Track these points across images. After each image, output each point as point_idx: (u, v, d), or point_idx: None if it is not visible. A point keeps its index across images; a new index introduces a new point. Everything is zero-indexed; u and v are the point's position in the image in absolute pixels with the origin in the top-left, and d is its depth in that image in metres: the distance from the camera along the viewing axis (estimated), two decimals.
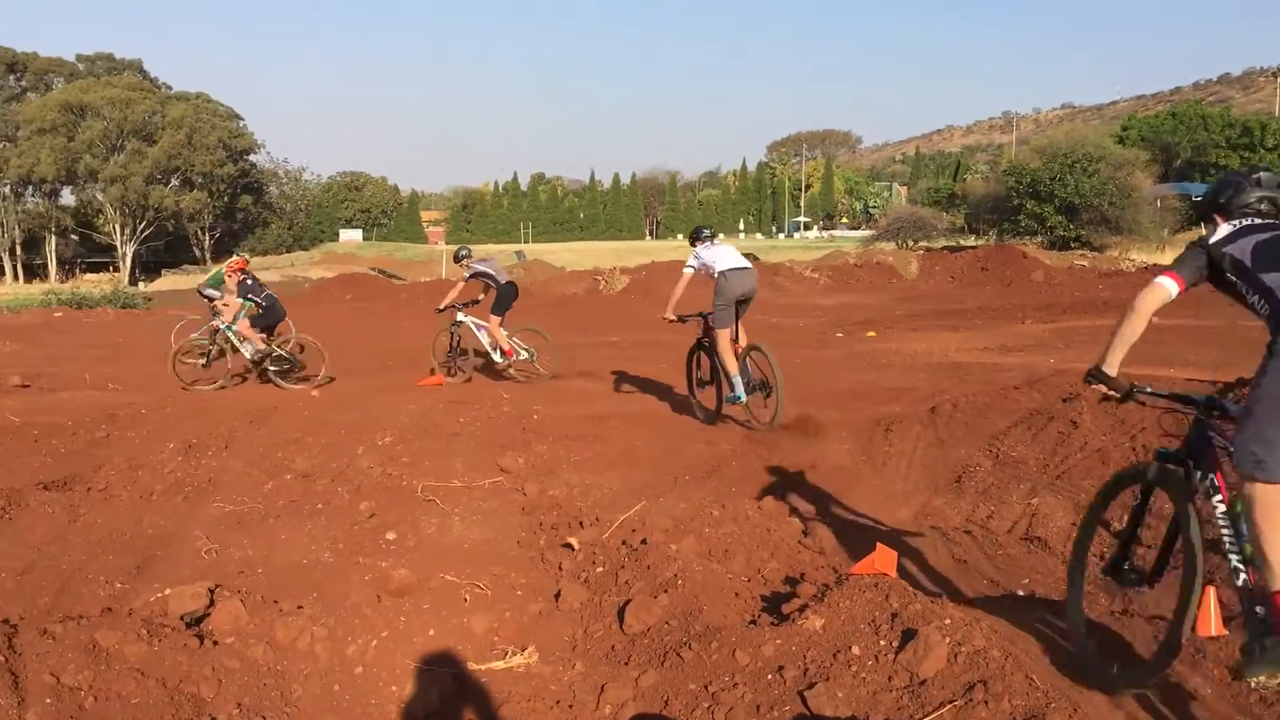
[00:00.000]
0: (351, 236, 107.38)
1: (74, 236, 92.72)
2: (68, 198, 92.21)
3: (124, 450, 8.88)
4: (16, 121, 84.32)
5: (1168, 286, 3.81)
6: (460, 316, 13.76)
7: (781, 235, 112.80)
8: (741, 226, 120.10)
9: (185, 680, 4.06)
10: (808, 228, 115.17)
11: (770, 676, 3.84)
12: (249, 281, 13.49)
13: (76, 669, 3.97)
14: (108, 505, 7.12)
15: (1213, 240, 3.78)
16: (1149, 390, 3.93)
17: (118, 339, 21.51)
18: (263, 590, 5.18)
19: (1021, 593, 5.13)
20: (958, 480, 7.22)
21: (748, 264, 9.69)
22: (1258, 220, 3.74)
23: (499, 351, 13.30)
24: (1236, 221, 3.79)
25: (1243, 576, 3.42)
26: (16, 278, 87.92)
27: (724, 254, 9.71)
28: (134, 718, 3.76)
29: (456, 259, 14.34)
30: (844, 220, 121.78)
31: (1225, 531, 3.52)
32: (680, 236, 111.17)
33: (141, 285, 70.34)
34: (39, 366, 15.64)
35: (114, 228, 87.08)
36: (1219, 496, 3.58)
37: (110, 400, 12.01)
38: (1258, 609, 3.32)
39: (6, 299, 55.71)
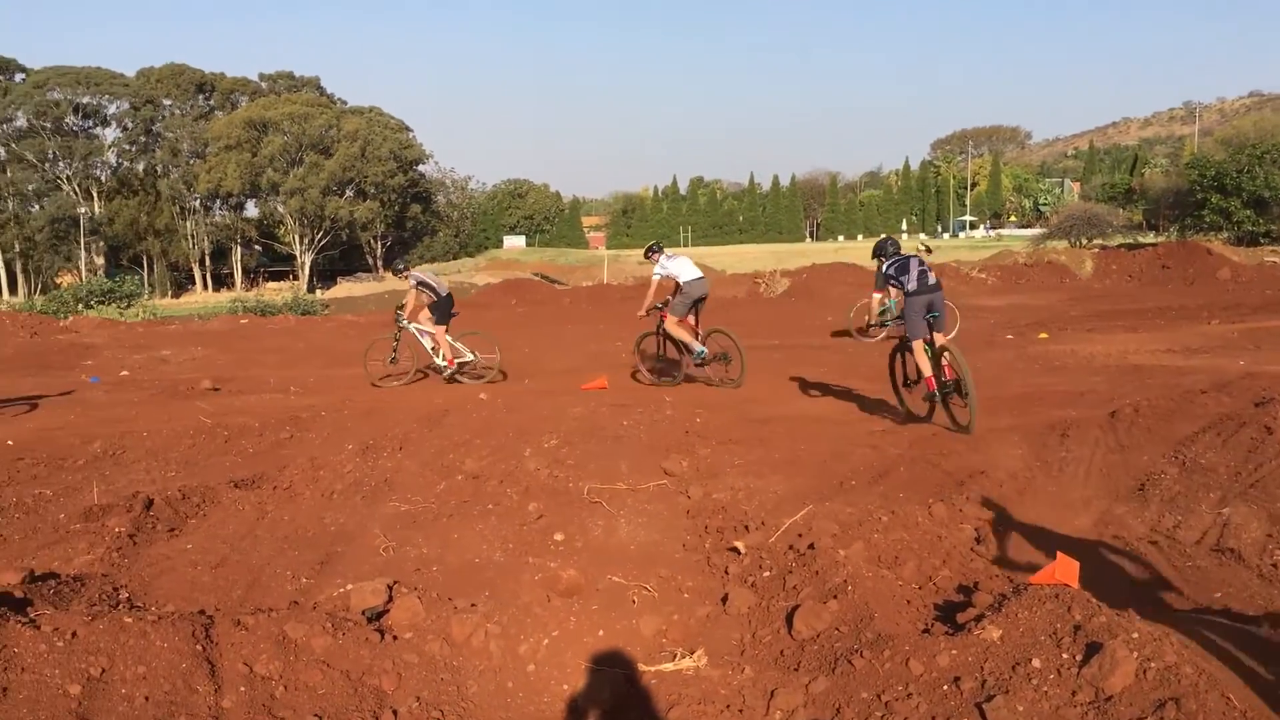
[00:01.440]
0: (515, 242, 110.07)
1: (257, 247, 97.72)
2: (251, 210, 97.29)
3: (306, 451, 9.30)
4: (205, 138, 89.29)
5: (877, 297, 10.73)
6: (403, 323, 14.35)
7: (946, 235, 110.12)
8: (904, 227, 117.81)
9: (367, 673, 4.20)
10: (974, 227, 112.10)
11: (946, 687, 3.73)
12: None
13: (268, 659, 4.16)
14: (293, 503, 7.44)
15: (883, 269, 9.90)
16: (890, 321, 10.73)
17: (298, 344, 22.51)
18: (438, 588, 5.33)
19: (1214, 607, 4.85)
20: (1140, 488, 6.89)
21: (702, 274, 12.76)
22: (895, 257, 9.85)
23: (440, 356, 14.23)
24: (884, 260, 9.99)
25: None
26: (206, 286, 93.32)
27: (684, 266, 12.72)
28: (321, 708, 3.92)
29: (395, 273, 15.03)
30: (1012, 218, 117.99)
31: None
32: (841, 238, 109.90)
33: (319, 293, 73.70)
34: (228, 371, 16.51)
35: (293, 238, 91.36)
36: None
37: (293, 403, 12.59)
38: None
39: (197, 306, 59.24)
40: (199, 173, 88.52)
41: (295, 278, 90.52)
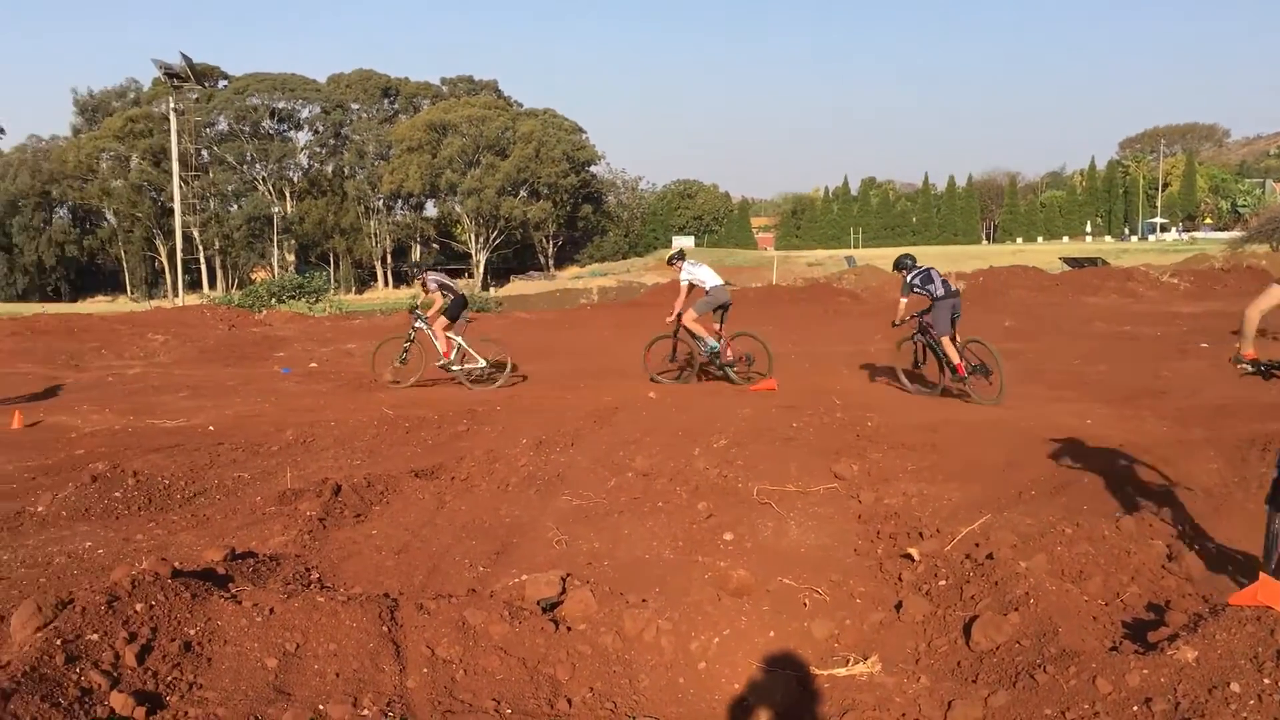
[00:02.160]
0: (684, 243, 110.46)
1: (435, 245, 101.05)
2: (430, 209, 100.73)
3: (482, 444, 9.56)
4: (389, 141, 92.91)
5: (904, 302, 12.23)
6: (418, 324, 14.45)
7: (1134, 238, 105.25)
8: (1088, 229, 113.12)
9: (542, 662, 4.30)
10: (1164, 229, 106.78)
11: (1136, 708, 3.57)
12: None
13: (449, 643, 4.31)
14: (469, 494, 7.67)
15: (908, 280, 12.19)
16: (906, 320, 12.51)
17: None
18: (609, 582, 5.40)
19: None
20: None
21: (724, 281, 14.00)
22: (916, 269, 12.28)
23: (454, 355, 14.39)
24: (908, 273, 12.27)
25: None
26: (387, 283, 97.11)
27: (709, 273, 13.79)
28: (499, 693, 4.03)
29: (414, 276, 15.49)
30: (1207, 221, 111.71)
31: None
32: (1020, 240, 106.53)
33: (492, 290, 75.68)
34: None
35: (469, 237, 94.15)
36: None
37: (468, 397, 12.96)
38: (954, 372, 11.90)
39: (379, 302, 61.62)
40: (383, 174, 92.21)
41: (470, 275, 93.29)
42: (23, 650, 3.75)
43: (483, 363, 14.34)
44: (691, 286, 13.54)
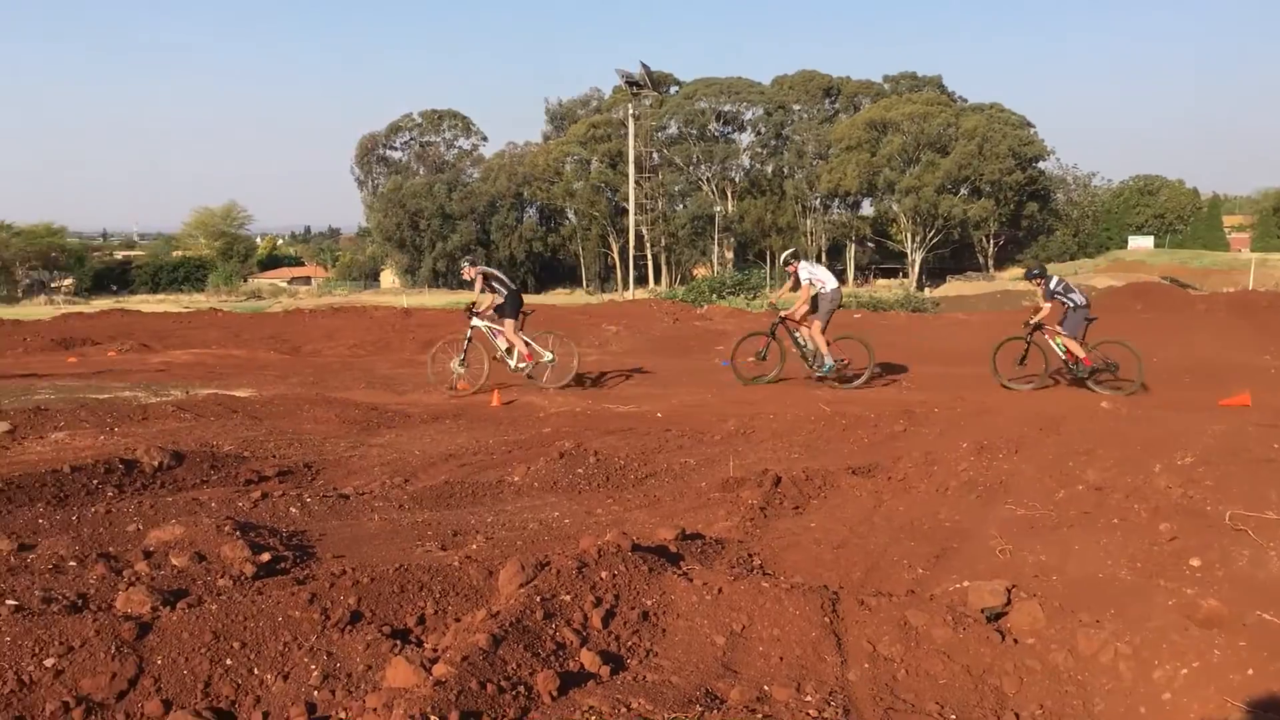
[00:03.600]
0: (1141, 243, 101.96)
1: (869, 244, 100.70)
2: (866, 208, 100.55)
3: (920, 444, 9.42)
4: (828, 140, 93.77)
5: (1047, 306, 14.42)
6: (475, 321, 13.79)
7: None
8: None
9: (988, 672, 4.17)
10: None
11: None
12: None
13: (890, 641, 4.29)
14: (907, 494, 7.58)
15: (1051, 287, 14.33)
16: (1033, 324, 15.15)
17: (909, 341, 22.86)
18: (1058, 598, 5.13)
19: None
20: None
21: (838, 284, 14.73)
22: (1056, 279, 14.48)
23: (515, 354, 13.84)
24: (1048, 281, 14.38)
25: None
26: None
27: (827, 274, 14.72)
28: (941, 698, 3.96)
29: (460, 269, 15.34)
30: None
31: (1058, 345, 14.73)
32: None
33: (928, 291, 74.19)
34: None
35: (905, 236, 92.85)
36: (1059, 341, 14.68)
37: (905, 397, 12.86)
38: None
39: None
40: (821, 173, 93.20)
41: (904, 275, 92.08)
42: (509, 603, 4.20)
43: (549, 356, 14.00)
44: (811, 283, 14.40)
